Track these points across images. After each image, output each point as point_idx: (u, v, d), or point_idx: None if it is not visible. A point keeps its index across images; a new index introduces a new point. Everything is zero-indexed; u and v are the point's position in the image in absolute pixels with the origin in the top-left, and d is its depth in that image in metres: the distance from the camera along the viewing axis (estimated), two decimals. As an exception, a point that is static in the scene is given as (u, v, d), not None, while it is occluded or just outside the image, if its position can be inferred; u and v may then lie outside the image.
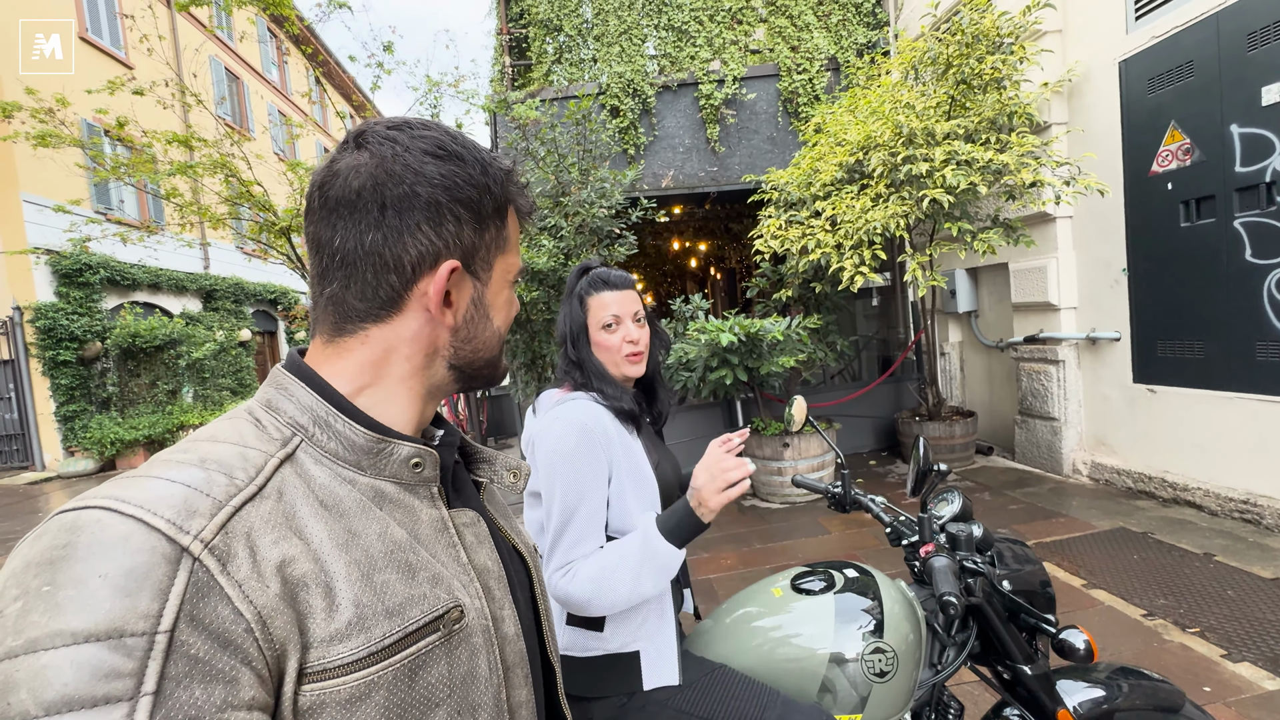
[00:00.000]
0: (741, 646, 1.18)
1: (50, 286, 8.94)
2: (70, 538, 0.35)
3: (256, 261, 13.56)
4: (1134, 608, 2.65)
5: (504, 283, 0.59)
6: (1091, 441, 4.53)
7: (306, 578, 0.41)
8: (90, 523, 0.36)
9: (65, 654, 0.32)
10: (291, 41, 12.95)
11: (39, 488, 8.24)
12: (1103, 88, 4.16)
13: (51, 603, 0.33)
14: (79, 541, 0.35)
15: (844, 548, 3.60)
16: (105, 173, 5.59)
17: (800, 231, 4.40)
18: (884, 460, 5.55)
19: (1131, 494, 4.06)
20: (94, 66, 9.68)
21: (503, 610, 0.57)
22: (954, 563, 1.07)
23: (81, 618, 0.33)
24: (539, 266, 4.38)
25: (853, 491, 1.49)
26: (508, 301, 0.60)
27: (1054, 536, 3.48)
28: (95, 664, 0.32)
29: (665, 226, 8.71)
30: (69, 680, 0.32)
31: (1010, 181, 3.79)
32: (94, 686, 0.32)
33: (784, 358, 4.26)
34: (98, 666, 0.32)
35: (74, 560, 0.34)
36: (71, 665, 0.32)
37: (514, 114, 4.95)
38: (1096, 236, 4.33)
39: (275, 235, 5.71)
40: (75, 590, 0.34)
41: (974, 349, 5.88)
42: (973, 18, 4.04)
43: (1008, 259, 4.97)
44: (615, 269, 1.27)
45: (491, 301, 0.58)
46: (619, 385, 1.22)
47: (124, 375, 9.68)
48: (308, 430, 0.49)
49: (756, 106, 6.48)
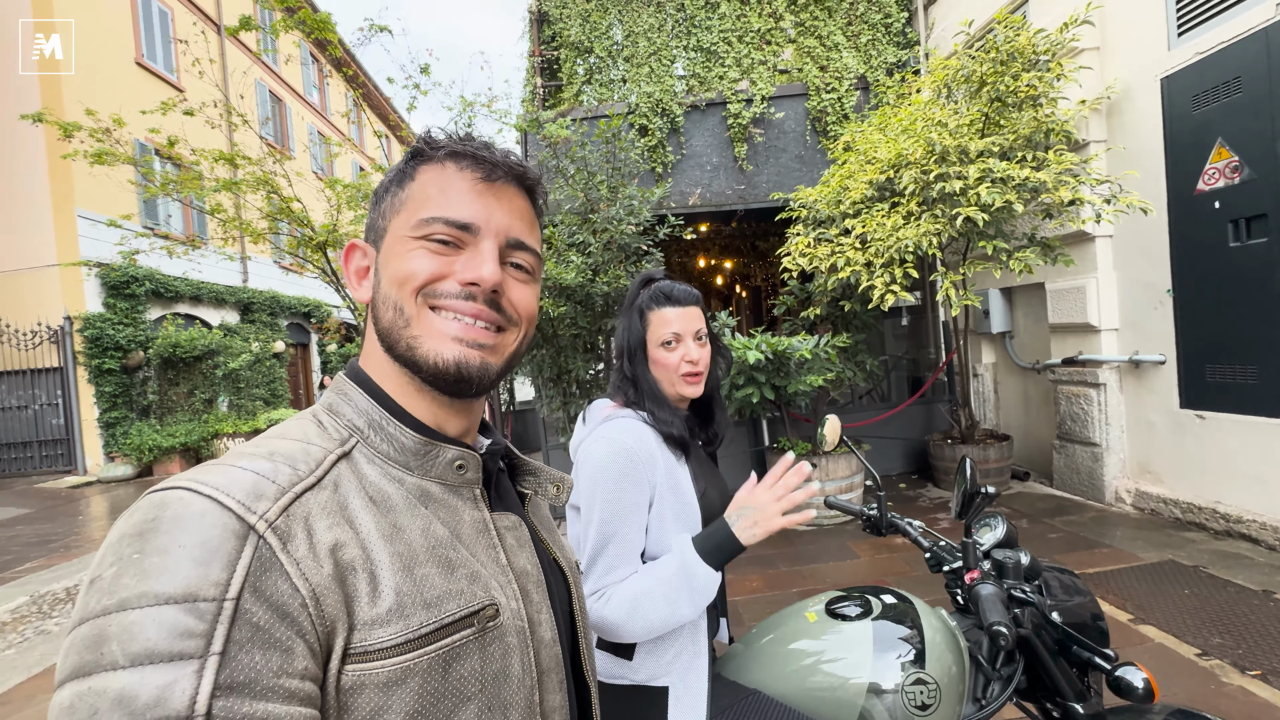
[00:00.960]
0: (775, 672, 1.13)
1: (99, 297, 9.32)
2: (158, 513, 0.40)
3: (293, 276, 13.96)
4: (1187, 646, 2.50)
5: (399, 240, 0.54)
6: (1135, 469, 4.34)
7: (355, 562, 0.45)
8: (174, 500, 0.40)
9: (149, 613, 0.36)
10: (332, 65, 13.46)
11: (80, 491, 8.52)
12: (1144, 105, 4.06)
13: (140, 568, 0.38)
14: (164, 516, 0.40)
15: (874, 572, 3.49)
16: (155, 189, 5.83)
17: (829, 249, 4.36)
18: (914, 484, 5.40)
19: (1180, 525, 3.87)
20: (148, 89, 10.19)
21: (540, 614, 0.57)
22: (1002, 591, 1.02)
23: (163, 582, 0.37)
24: (566, 282, 4.41)
25: (889, 515, 1.44)
26: (400, 255, 0.53)
27: (1097, 568, 3.33)
28: (173, 623, 0.36)
29: (691, 244, 8.73)
30: (151, 636, 0.36)
31: (1048, 200, 3.70)
32: (171, 643, 0.36)
33: (811, 376, 4.19)
34: (174, 626, 0.36)
35: (159, 532, 0.39)
36: (154, 623, 0.36)
37: (545, 133, 5.04)
38: (1138, 256, 4.19)
39: (312, 250, 5.87)
40: (159, 558, 0.38)
41: (1008, 370, 5.72)
42: (1007, 35, 4.00)
43: (1044, 279, 4.84)
44: (680, 282, 1.20)
45: (383, 261, 0.55)
46: (672, 408, 1.16)
47: (164, 384, 10.00)
48: (363, 432, 0.53)
49: (785, 125, 6.49)
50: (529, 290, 0.59)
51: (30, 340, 9.18)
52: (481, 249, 0.54)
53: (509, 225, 0.56)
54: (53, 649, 3.44)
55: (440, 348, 0.52)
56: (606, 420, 1.14)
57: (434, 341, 0.53)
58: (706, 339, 1.19)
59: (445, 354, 0.52)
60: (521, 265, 0.57)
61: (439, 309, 0.53)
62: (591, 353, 5.14)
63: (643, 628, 0.99)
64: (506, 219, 0.56)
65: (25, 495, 8.12)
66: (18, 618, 3.90)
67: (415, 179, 0.55)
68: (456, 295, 0.53)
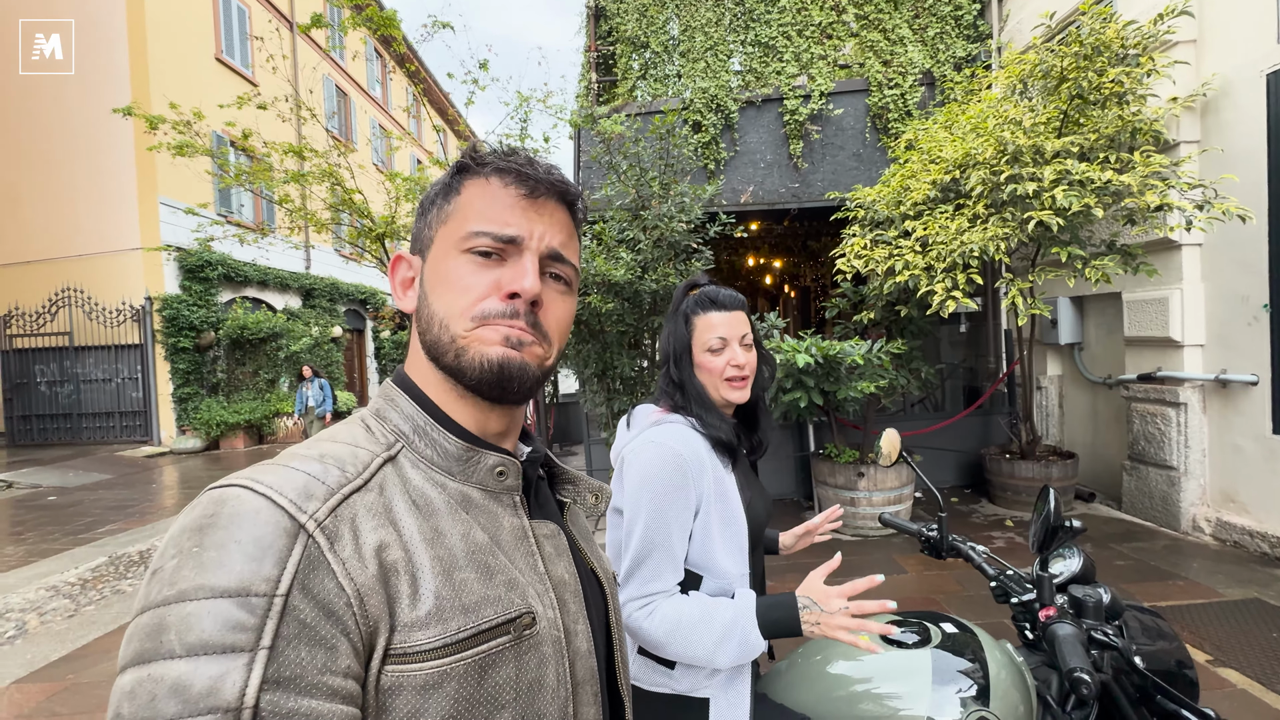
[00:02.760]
0: (824, 696, 1.09)
1: (176, 280, 9.94)
2: (216, 509, 0.41)
3: (351, 264, 14.52)
4: (1273, 695, 2.30)
5: (445, 253, 0.55)
6: (1217, 496, 4.02)
7: (398, 564, 0.45)
8: (232, 498, 0.42)
9: (206, 605, 0.38)
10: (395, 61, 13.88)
11: (154, 461, 9.11)
12: (1245, 103, 3.74)
13: (199, 561, 0.39)
14: (222, 512, 0.41)
15: (923, 589, 3.36)
16: (229, 179, 6.15)
17: (887, 251, 4.20)
18: (967, 499, 5.17)
19: (1267, 560, 3.56)
20: (225, 83, 10.75)
21: (576, 625, 0.58)
22: (1081, 632, 0.95)
23: (219, 575, 0.38)
24: (616, 279, 4.40)
25: (950, 537, 1.37)
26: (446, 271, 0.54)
27: (1170, 601, 3.10)
28: (226, 616, 0.37)
29: (741, 242, 8.60)
30: (206, 628, 0.37)
31: (1131, 204, 3.45)
32: (224, 636, 0.37)
33: (863, 383, 4.05)
34: (228, 619, 0.37)
35: (217, 527, 0.40)
36: (210, 615, 0.37)
37: (599, 129, 5.04)
38: (1231, 267, 3.87)
39: (371, 240, 6.07)
40: (217, 552, 0.39)
41: (1076, 384, 5.40)
42: (1093, 27, 3.74)
43: (1121, 288, 4.53)
44: (724, 287, 1.19)
45: (430, 275, 0.56)
46: (719, 413, 1.14)
47: (231, 363, 10.59)
48: (409, 437, 0.54)
49: (843, 122, 6.29)
50: (565, 305, 0.59)
51: (115, 318, 9.87)
52: (524, 262, 0.55)
53: (550, 238, 0.57)
54: (126, 607, 3.68)
55: (485, 349, 0.53)
56: (655, 425, 1.12)
57: (480, 345, 0.54)
58: (752, 344, 1.17)
59: (490, 354, 0.53)
60: (560, 276, 0.58)
61: (485, 324, 0.54)
62: (637, 349, 5.13)
63: (680, 653, 0.98)
64: (547, 232, 0.57)
65: (107, 462, 8.75)
66: (98, 576, 4.19)
67: (461, 193, 0.56)
68: (501, 314, 0.54)
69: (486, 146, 0.59)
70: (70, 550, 4.75)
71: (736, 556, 1.08)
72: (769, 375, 1.25)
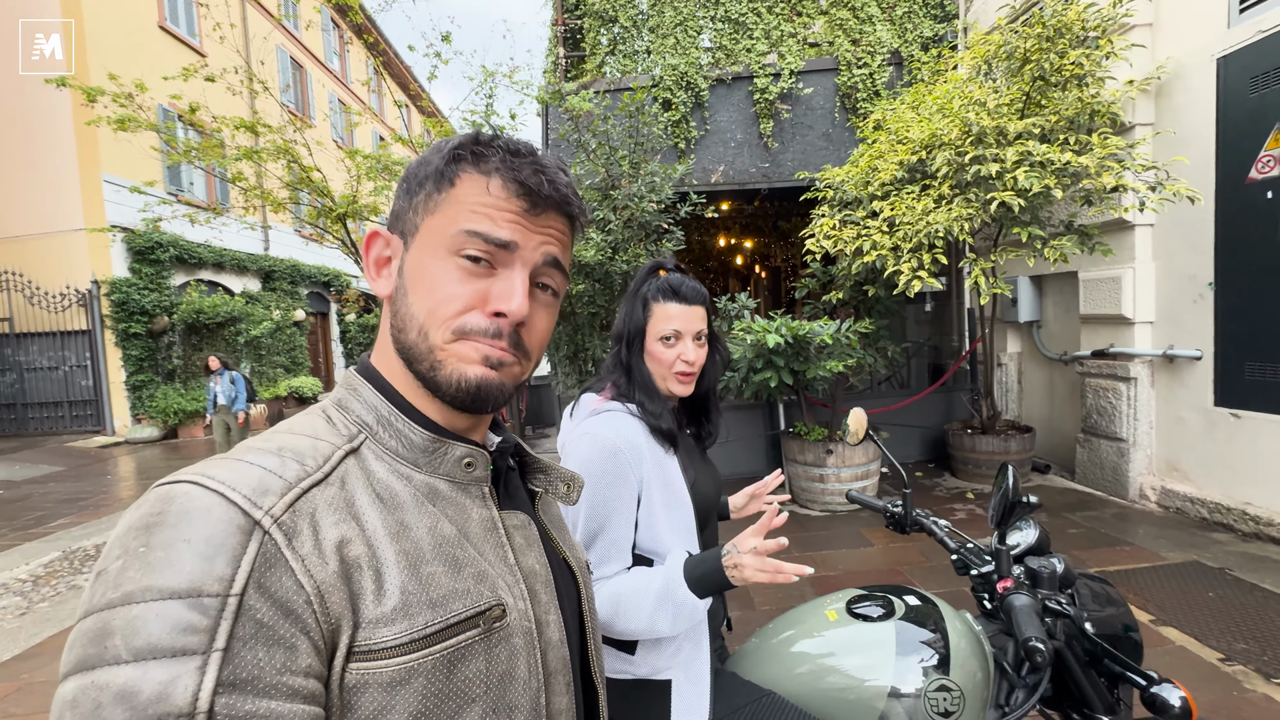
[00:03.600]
0: (790, 671, 1.11)
1: (124, 262, 9.47)
2: (164, 506, 0.40)
3: (313, 245, 14.05)
4: (1209, 650, 2.45)
5: (431, 247, 0.51)
6: (1162, 466, 4.23)
7: (360, 560, 0.44)
8: (181, 494, 0.40)
9: (154, 607, 0.36)
10: (353, 31, 13.30)
11: (108, 451, 8.77)
12: (1196, 86, 3.85)
13: (145, 562, 0.37)
14: (170, 510, 0.39)
15: (888, 562, 3.47)
16: (178, 156, 5.85)
17: (855, 232, 4.24)
18: (931, 472, 5.34)
19: (1206, 525, 3.78)
20: (170, 54, 10.17)
21: (548, 615, 0.57)
22: (1036, 602, 0.98)
23: (168, 576, 0.37)
24: (586, 260, 4.36)
25: (914, 512, 1.40)
26: (431, 272, 0.51)
27: (1118, 566, 3.26)
28: (176, 619, 0.36)
29: (712, 222, 8.59)
30: (154, 631, 0.35)
31: (1089, 186, 3.55)
32: (174, 639, 0.35)
33: (832, 362, 4.12)
34: (178, 621, 0.36)
35: (165, 526, 0.39)
36: (158, 618, 0.36)
37: (567, 105, 4.93)
38: (1180, 246, 4.02)
39: (332, 220, 5.87)
40: (165, 552, 0.38)
41: (1034, 361, 5.58)
42: (1056, 9, 3.79)
43: (1078, 267, 4.68)
44: (689, 278, 1.18)
45: (412, 269, 0.52)
46: (662, 401, 1.14)
47: (188, 349, 10.19)
48: (372, 428, 0.53)
49: (813, 102, 6.29)
50: (550, 316, 0.58)
51: (59, 303, 9.37)
52: (514, 279, 0.52)
53: (545, 249, 0.54)
54: (83, 605, 3.55)
55: (464, 368, 0.51)
56: (593, 414, 1.13)
57: (458, 362, 0.51)
58: (706, 341, 1.18)
59: (469, 374, 0.51)
60: (549, 285, 0.56)
61: (465, 339, 0.52)
62: (609, 331, 5.11)
63: (623, 629, 0.98)
64: (543, 244, 0.54)
65: (56, 453, 8.39)
66: (51, 572, 4.04)
67: (455, 185, 0.52)
68: (483, 332, 0.51)
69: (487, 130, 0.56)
70: (20, 546, 4.56)
71: (685, 537, 1.09)
72: (722, 366, 1.26)
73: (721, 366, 1.26)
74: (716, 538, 1.25)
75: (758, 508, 1.38)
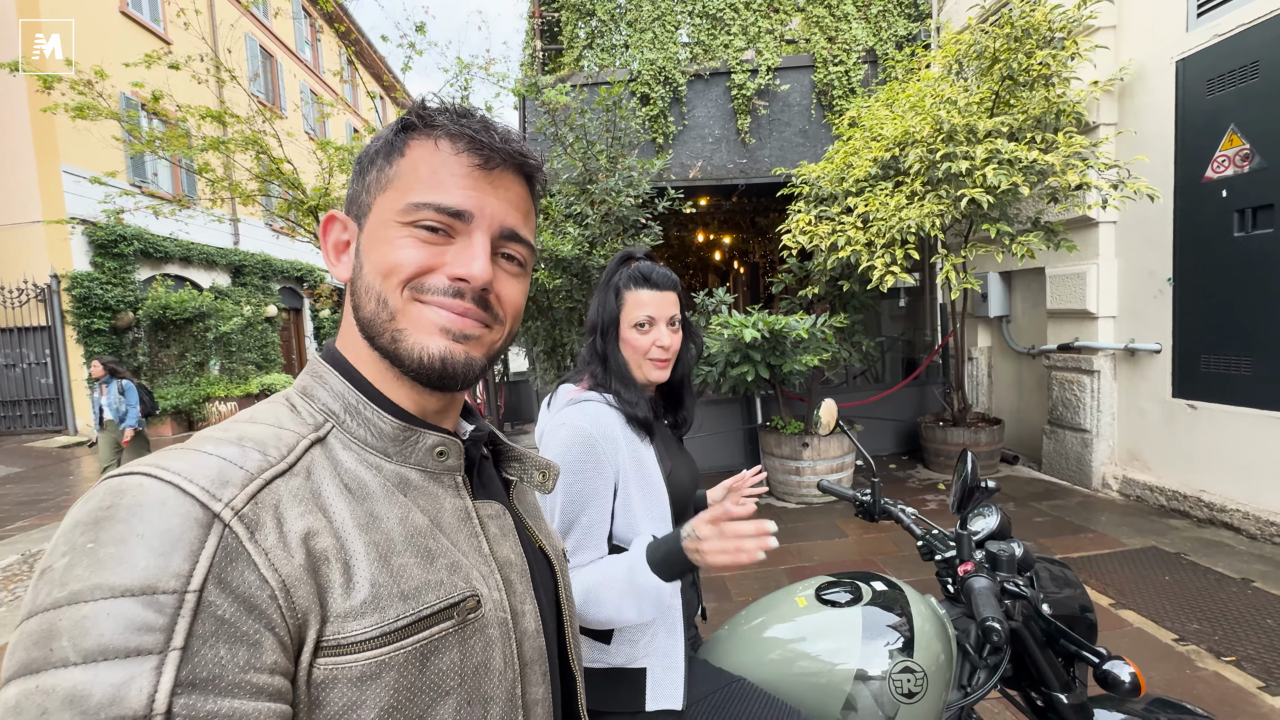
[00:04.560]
0: (760, 657, 1.13)
1: (86, 256, 9.15)
2: (114, 500, 0.38)
3: (284, 239, 13.74)
4: (1165, 631, 2.55)
5: (385, 223, 0.50)
6: (1124, 456, 4.38)
7: (328, 552, 0.43)
8: (133, 486, 0.38)
9: (104, 606, 0.34)
10: (325, 20, 13.00)
11: (71, 451, 8.49)
12: (1157, 88, 3.98)
13: (94, 559, 0.35)
14: (122, 503, 0.37)
15: (862, 551, 3.53)
16: (141, 146, 5.66)
17: (830, 228, 4.29)
18: (905, 464, 5.44)
19: (1164, 512, 3.92)
20: (132, 40, 9.83)
21: (524, 605, 0.56)
22: (995, 584, 1.02)
23: (119, 573, 0.35)
24: (563, 254, 4.34)
25: (882, 501, 1.43)
26: (385, 241, 0.50)
27: (1081, 552, 3.37)
28: (130, 617, 0.34)
29: (690, 218, 8.61)
30: (105, 631, 0.34)
31: (1054, 183, 3.64)
32: (127, 638, 0.34)
33: (807, 356, 4.17)
34: (131, 620, 0.34)
35: (116, 520, 0.37)
36: (109, 617, 0.34)
37: (544, 99, 4.90)
38: (1141, 243, 4.15)
39: (303, 213, 5.75)
40: (116, 548, 0.36)
41: (1003, 355, 5.72)
42: (1024, 10, 3.87)
43: (1044, 263, 4.80)
44: (659, 265, 1.19)
45: (367, 246, 0.51)
46: (639, 389, 1.15)
47: (154, 346, 9.90)
48: (339, 417, 0.51)
49: (789, 98, 6.34)
50: (518, 285, 0.56)
51: (16, 298, 9.03)
52: (473, 242, 0.50)
53: (504, 215, 0.52)
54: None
55: (426, 341, 0.50)
56: (570, 405, 1.13)
57: (419, 334, 0.50)
58: (679, 326, 1.19)
59: (431, 348, 0.50)
60: (513, 257, 0.54)
61: (425, 303, 0.50)
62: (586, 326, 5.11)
63: (594, 619, 0.98)
64: (502, 208, 0.52)
65: (15, 454, 8.10)
66: (9, 576, 3.91)
67: (405, 155, 0.51)
68: (444, 291, 0.50)
69: (436, 101, 0.52)
70: (-24, 549, 4.40)
71: (661, 526, 1.09)
72: (696, 354, 1.27)
73: (695, 353, 1.27)
74: None
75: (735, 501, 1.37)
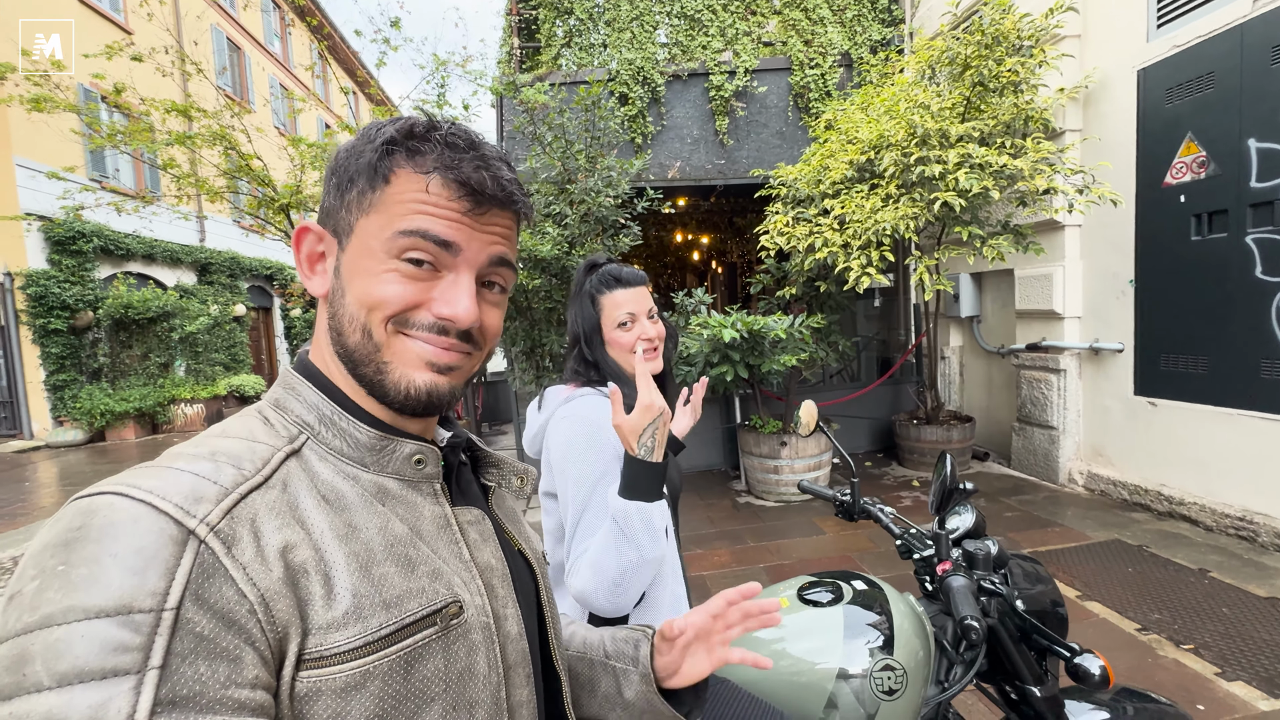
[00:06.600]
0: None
1: (42, 253, 8.80)
2: (85, 520, 0.37)
3: (254, 236, 13.38)
4: (1128, 621, 2.64)
5: (368, 250, 0.49)
6: (1089, 452, 4.52)
7: (307, 564, 0.43)
8: (103, 506, 0.37)
9: (77, 628, 0.34)
10: (295, 13, 12.70)
11: (26, 456, 8.16)
12: (1120, 96, 4.11)
13: (66, 581, 0.35)
14: (92, 524, 0.37)
15: (840, 549, 3.58)
16: (101, 140, 5.47)
17: (807, 229, 4.35)
18: (880, 462, 5.54)
19: (1127, 506, 4.06)
20: (92, 30, 9.48)
21: (506, 609, 0.56)
22: (972, 583, 1.04)
23: (93, 594, 0.34)
24: (542, 254, 4.32)
25: (861, 501, 1.46)
26: (370, 273, 0.49)
27: (1049, 546, 3.47)
28: (105, 638, 0.34)
29: (668, 218, 8.63)
30: (80, 653, 0.33)
31: (1023, 187, 3.74)
32: (103, 659, 0.33)
33: (786, 356, 4.22)
34: (107, 641, 0.34)
35: (87, 541, 0.36)
36: (83, 639, 0.33)
37: (522, 97, 4.86)
38: (1105, 246, 4.29)
39: (273, 211, 5.61)
40: (88, 569, 0.35)
41: (974, 354, 5.86)
42: (994, 18, 3.97)
43: (1013, 265, 4.93)
44: (625, 265, 1.24)
45: (348, 269, 0.50)
46: (634, 385, 1.17)
47: (116, 346, 9.57)
48: (314, 428, 0.51)
49: (767, 100, 6.39)
50: (499, 311, 0.57)
51: (-33, 297, 8.64)
52: (459, 280, 0.51)
53: (490, 248, 0.53)
54: (-1, 621, 3.31)
55: (413, 375, 0.51)
56: (567, 401, 1.15)
57: (405, 367, 0.50)
58: (657, 317, 1.23)
59: (418, 381, 0.51)
60: (496, 283, 0.55)
61: (410, 336, 0.50)
62: (565, 326, 5.09)
63: (610, 586, 0.97)
64: (489, 243, 0.52)
65: (-34, 460, 7.75)
66: (-40, 589, 3.74)
67: (390, 183, 0.49)
68: (429, 327, 0.50)
69: (424, 121, 0.51)
70: (-76, 561, 4.20)
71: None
72: (673, 342, 1.31)
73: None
74: (678, 524, 1.29)
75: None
